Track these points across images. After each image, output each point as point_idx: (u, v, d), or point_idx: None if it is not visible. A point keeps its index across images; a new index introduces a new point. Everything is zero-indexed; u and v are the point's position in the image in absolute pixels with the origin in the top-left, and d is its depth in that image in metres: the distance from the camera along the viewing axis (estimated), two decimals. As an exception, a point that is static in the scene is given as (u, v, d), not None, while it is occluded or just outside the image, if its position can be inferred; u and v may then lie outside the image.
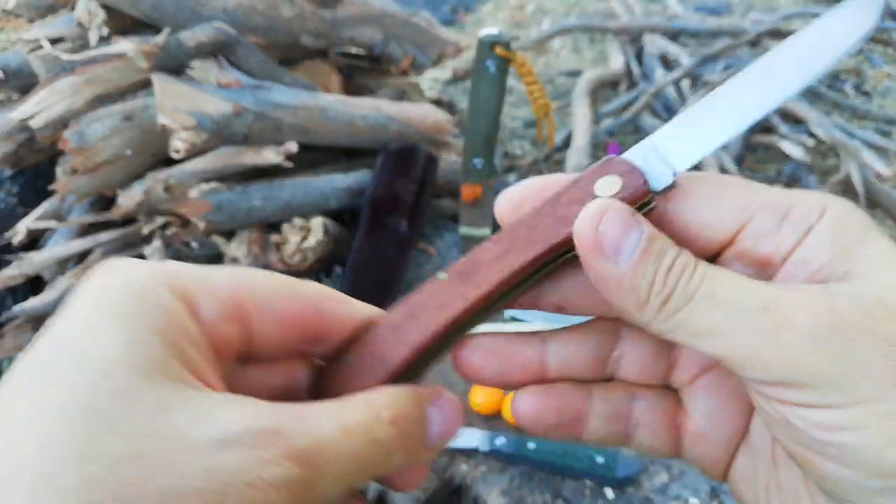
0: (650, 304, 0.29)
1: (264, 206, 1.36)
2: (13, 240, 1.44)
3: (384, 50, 1.70)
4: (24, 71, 1.53)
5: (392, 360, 0.31)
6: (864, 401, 0.26)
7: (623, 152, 0.33)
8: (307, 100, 1.43)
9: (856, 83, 2.72)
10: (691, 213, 0.31)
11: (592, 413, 0.34)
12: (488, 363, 0.34)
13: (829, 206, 0.29)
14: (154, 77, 1.27)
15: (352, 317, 0.32)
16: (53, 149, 1.45)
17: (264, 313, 0.29)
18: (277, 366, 0.33)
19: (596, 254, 0.29)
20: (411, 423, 0.29)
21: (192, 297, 0.27)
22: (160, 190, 1.33)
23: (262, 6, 1.51)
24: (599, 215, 0.29)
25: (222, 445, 0.23)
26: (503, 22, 3.47)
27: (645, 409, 0.35)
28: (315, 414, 0.26)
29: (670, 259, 0.29)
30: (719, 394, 0.34)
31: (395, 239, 1.41)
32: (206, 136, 1.27)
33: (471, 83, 1.26)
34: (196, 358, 0.26)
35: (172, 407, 0.23)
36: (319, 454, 0.25)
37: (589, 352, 0.35)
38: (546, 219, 0.32)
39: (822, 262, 0.29)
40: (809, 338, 0.26)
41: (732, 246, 0.31)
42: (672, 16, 3.19)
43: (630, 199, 0.31)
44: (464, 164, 1.33)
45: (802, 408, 0.27)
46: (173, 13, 1.42)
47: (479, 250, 0.32)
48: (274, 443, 0.24)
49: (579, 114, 2.32)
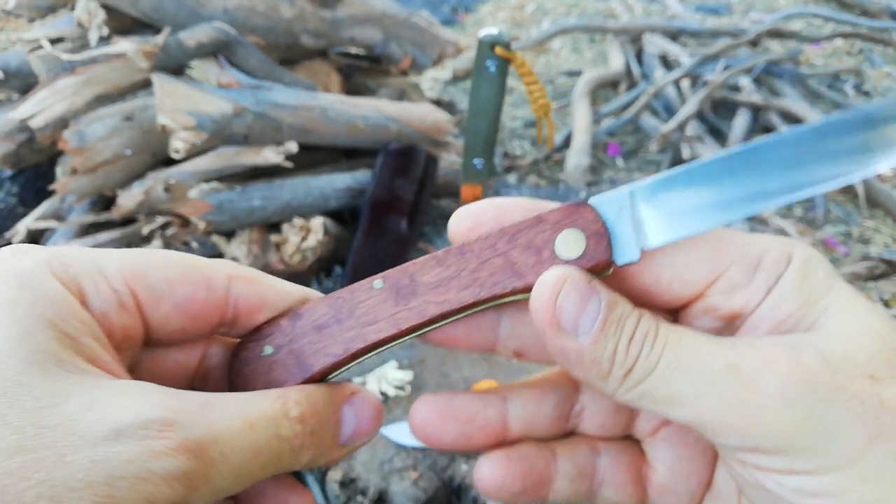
0: (613, 375, 0.28)
1: (264, 206, 1.36)
2: (13, 239, 1.44)
3: (384, 50, 1.70)
4: (24, 71, 1.53)
5: (310, 368, 0.30)
6: (841, 465, 0.25)
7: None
8: (307, 100, 1.43)
9: (856, 83, 2.72)
10: (660, 267, 0.30)
11: (557, 474, 0.33)
12: (448, 428, 0.32)
13: (795, 255, 0.28)
14: (154, 77, 1.28)
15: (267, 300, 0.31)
16: (53, 149, 1.45)
17: (158, 300, 0.29)
18: (191, 347, 0.32)
19: (554, 330, 0.28)
20: (321, 421, 0.29)
21: (80, 286, 0.27)
22: (160, 190, 1.33)
23: (263, 6, 1.51)
24: (557, 288, 0.28)
25: (113, 437, 0.23)
26: (503, 22, 3.47)
27: (609, 464, 0.34)
28: (219, 404, 0.26)
29: (631, 328, 0.28)
30: (682, 444, 0.33)
31: (395, 238, 1.41)
32: (206, 136, 1.27)
33: (471, 83, 1.26)
34: (92, 345, 0.26)
35: (65, 397, 0.23)
36: (216, 446, 0.24)
37: (550, 408, 0.34)
38: (497, 258, 0.30)
39: (788, 311, 0.28)
40: (778, 401, 0.26)
41: (702, 300, 0.30)
42: (672, 16, 3.20)
43: (590, 268, 0.29)
44: (464, 163, 1.33)
45: (778, 473, 0.26)
46: (173, 13, 1.42)
47: (420, 267, 0.30)
48: (167, 434, 0.23)
49: (579, 113, 2.32)
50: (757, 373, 0.26)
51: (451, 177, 1.57)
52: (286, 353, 0.31)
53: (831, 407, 0.25)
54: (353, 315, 0.31)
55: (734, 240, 0.29)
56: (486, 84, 1.23)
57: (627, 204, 0.30)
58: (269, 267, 1.36)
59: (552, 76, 2.86)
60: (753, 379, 0.26)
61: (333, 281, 1.43)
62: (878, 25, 2.95)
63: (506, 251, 0.30)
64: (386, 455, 0.97)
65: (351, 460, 0.98)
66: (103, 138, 1.32)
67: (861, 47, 2.99)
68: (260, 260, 1.35)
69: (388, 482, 0.95)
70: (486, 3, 3.67)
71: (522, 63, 1.19)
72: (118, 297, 0.28)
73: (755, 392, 0.26)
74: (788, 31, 2.86)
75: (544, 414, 0.34)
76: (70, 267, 0.27)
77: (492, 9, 3.62)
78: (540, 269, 0.29)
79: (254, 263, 1.35)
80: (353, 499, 0.96)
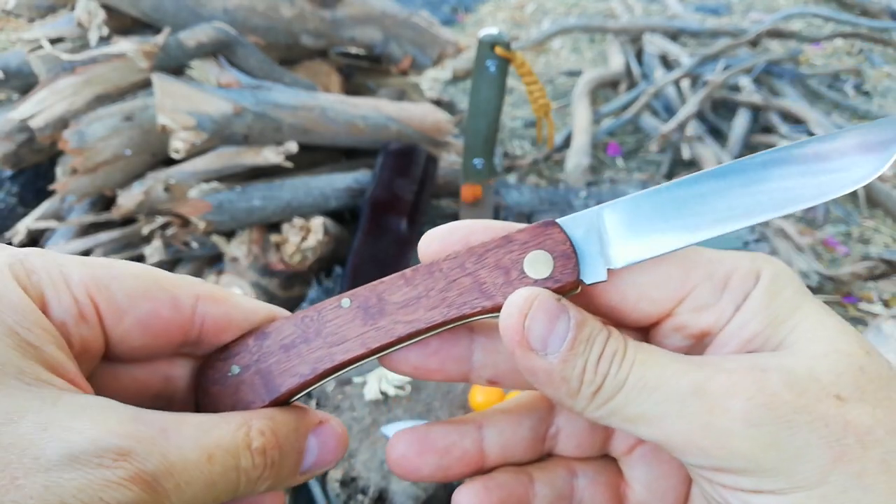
0: (582, 393, 0.28)
1: (264, 206, 1.36)
2: (13, 239, 1.44)
3: (384, 50, 1.70)
4: (24, 71, 1.53)
5: (277, 389, 0.30)
6: (806, 485, 0.26)
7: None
8: (307, 100, 1.43)
9: (856, 83, 2.72)
10: (628, 286, 0.30)
11: (535, 498, 0.33)
12: (426, 461, 0.32)
13: (763, 271, 0.29)
14: (154, 77, 1.28)
15: (233, 320, 0.31)
16: (53, 149, 1.45)
17: (121, 314, 0.28)
18: (153, 364, 0.31)
19: (524, 349, 0.28)
20: (284, 452, 0.28)
21: (42, 293, 0.26)
22: (160, 190, 1.33)
23: (263, 6, 1.51)
24: (525, 308, 0.28)
25: (67, 462, 0.22)
26: (503, 22, 3.47)
27: (587, 485, 0.34)
28: (178, 430, 0.25)
29: (600, 347, 0.28)
30: (658, 462, 0.33)
31: (395, 238, 1.41)
32: (206, 135, 1.27)
33: (471, 83, 1.26)
34: (55, 354, 0.25)
35: (21, 415, 0.23)
36: (171, 478, 0.24)
37: (526, 432, 0.34)
38: (465, 277, 0.30)
39: (755, 330, 0.28)
40: (743, 424, 0.26)
41: (671, 318, 0.30)
42: (672, 16, 3.20)
43: (558, 288, 0.29)
44: (464, 163, 1.33)
45: (744, 492, 0.27)
46: (173, 13, 1.42)
47: (388, 286, 0.30)
48: (122, 463, 0.23)
49: (579, 113, 2.32)
50: (722, 395, 0.26)
51: (451, 177, 1.57)
52: (253, 372, 0.30)
53: (795, 429, 0.26)
54: (320, 334, 0.30)
55: (701, 258, 0.29)
56: (486, 84, 1.23)
57: (595, 224, 0.30)
58: (269, 267, 1.36)
59: (552, 76, 2.86)
60: (719, 401, 0.26)
61: (333, 281, 1.43)
62: (878, 25, 2.95)
63: (474, 271, 0.30)
64: (386, 454, 0.98)
65: (351, 459, 0.98)
66: (103, 138, 1.32)
67: (861, 47, 3.00)
68: (260, 260, 1.35)
69: (388, 481, 0.95)
70: (486, 3, 3.67)
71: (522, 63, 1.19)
72: (79, 307, 0.27)
73: (720, 414, 0.26)
74: (788, 31, 2.86)
75: (520, 438, 0.34)
76: (33, 273, 0.26)
77: (492, 9, 3.62)
78: (508, 289, 0.29)
79: (254, 263, 1.35)
80: (354, 497, 0.96)
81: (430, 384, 1.09)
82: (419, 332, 0.30)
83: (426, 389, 1.06)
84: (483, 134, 1.28)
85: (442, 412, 1.04)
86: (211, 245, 1.40)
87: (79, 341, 0.27)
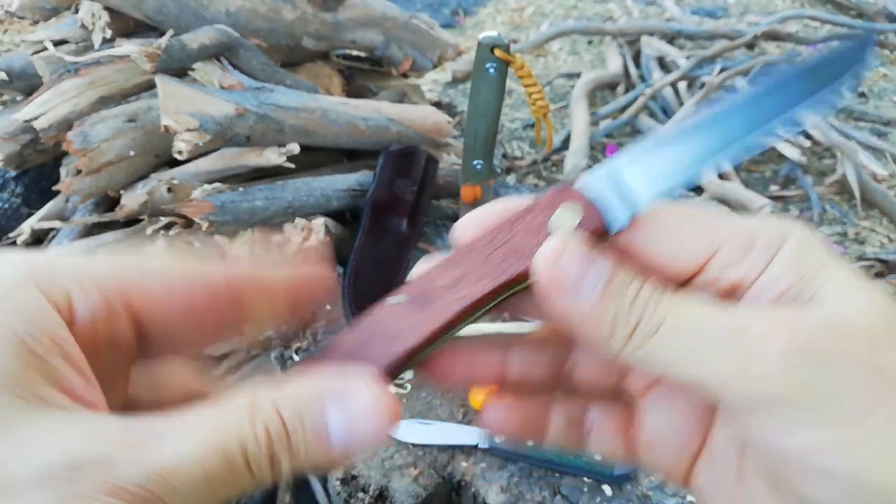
0: (616, 336, 0.28)
1: (267, 207, 1.37)
2: (17, 240, 1.45)
3: (385, 52, 1.71)
4: (28, 72, 1.54)
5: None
6: (844, 423, 0.26)
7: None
8: (309, 102, 1.44)
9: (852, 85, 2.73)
10: (657, 244, 0.31)
11: (551, 422, 0.35)
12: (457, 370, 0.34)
13: (791, 233, 0.29)
14: (157, 79, 1.29)
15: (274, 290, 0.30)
16: (57, 149, 1.46)
17: (153, 308, 0.27)
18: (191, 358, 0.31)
19: (557, 293, 0.29)
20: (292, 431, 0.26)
21: (67, 294, 0.26)
22: (163, 190, 1.34)
23: (265, 9, 1.52)
24: (558, 254, 0.29)
25: (40, 481, 0.21)
26: (502, 25, 3.49)
27: (598, 417, 0.36)
28: (178, 430, 0.24)
29: (634, 291, 0.28)
30: (673, 403, 0.34)
31: (395, 239, 1.42)
32: (209, 137, 1.28)
33: (470, 85, 1.28)
34: (60, 366, 0.24)
35: (4, 434, 0.22)
36: (161, 483, 0.23)
37: (546, 361, 0.36)
38: (500, 248, 0.31)
39: (787, 285, 0.29)
40: (782, 363, 0.26)
41: (701, 275, 0.30)
42: (669, 18, 3.21)
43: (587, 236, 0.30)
44: (464, 165, 1.34)
45: (782, 434, 0.27)
46: (176, 15, 1.43)
47: (432, 273, 0.32)
48: (96, 476, 0.22)
49: (577, 115, 2.34)
50: (760, 336, 0.27)
51: (451, 178, 1.59)
52: None
53: (835, 368, 0.26)
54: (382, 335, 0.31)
55: (728, 221, 0.31)
56: (486, 86, 1.24)
57: (610, 176, 0.32)
58: (270, 267, 1.37)
59: (551, 78, 2.87)
60: (755, 345, 0.27)
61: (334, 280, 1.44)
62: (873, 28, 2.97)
63: (507, 240, 0.31)
64: (387, 452, 0.99)
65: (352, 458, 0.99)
66: (107, 139, 1.33)
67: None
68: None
69: (388, 479, 0.96)
70: (485, 6, 3.68)
71: (521, 65, 1.21)
72: (108, 305, 0.27)
73: (758, 355, 0.27)
74: (785, 34, 2.88)
75: (540, 365, 0.36)
76: (58, 276, 0.26)
77: (491, 12, 3.64)
78: None
79: (256, 263, 1.36)
80: (354, 495, 0.97)
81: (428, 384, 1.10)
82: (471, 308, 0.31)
83: (426, 388, 1.07)
84: (483, 135, 1.29)
85: (442, 411, 1.05)
86: (214, 245, 1.41)
87: (109, 340, 0.27)
